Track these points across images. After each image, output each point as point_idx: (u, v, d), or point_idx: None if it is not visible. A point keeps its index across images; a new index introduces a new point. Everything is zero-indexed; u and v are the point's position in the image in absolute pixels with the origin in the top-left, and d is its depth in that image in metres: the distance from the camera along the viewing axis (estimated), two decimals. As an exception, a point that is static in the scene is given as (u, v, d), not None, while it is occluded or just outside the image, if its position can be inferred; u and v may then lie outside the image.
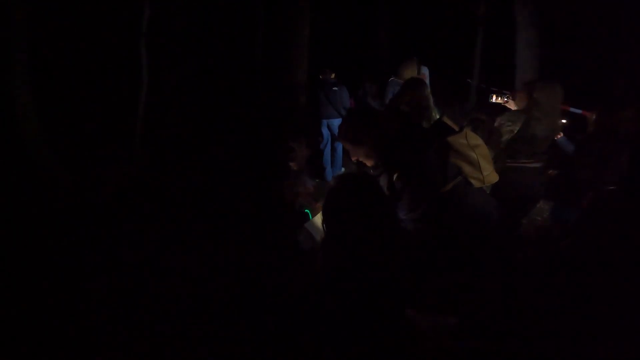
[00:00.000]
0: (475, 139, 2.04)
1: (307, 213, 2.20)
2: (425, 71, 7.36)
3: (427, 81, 7.25)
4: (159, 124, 5.98)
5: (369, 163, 1.98)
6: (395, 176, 1.86)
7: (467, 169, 2.02)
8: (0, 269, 3.17)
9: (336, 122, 5.89)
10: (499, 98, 3.87)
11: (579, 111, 4.89)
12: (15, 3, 4.54)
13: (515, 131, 3.12)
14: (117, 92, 6.35)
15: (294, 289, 2.13)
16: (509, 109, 3.58)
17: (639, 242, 1.72)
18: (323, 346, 1.28)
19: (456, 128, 2.16)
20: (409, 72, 5.76)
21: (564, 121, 3.57)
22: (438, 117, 3.06)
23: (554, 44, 8.51)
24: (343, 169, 6.16)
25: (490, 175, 2.05)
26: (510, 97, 3.75)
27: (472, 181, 2.04)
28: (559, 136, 3.59)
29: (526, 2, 7.25)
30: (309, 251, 1.95)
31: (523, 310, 2.10)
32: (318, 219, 1.97)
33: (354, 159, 2.02)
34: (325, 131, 6.04)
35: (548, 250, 3.19)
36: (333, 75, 5.96)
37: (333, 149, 6.07)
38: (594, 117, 3.28)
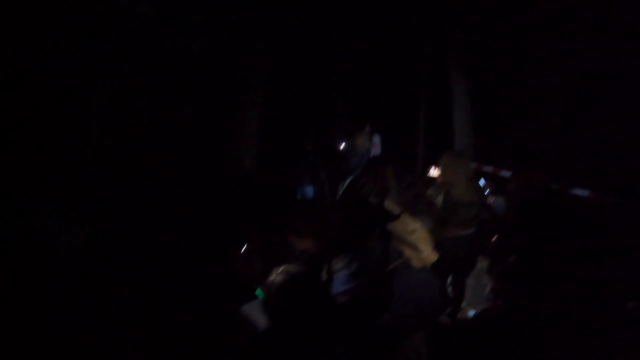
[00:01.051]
0: (414, 224, 2.33)
1: (257, 294, 2.28)
2: (376, 140, 8.04)
3: (379, 149, 7.97)
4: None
5: (312, 251, 2.15)
6: (334, 262, 2.08)
7: (407, 251, 2.30)
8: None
9: (307, 189, 6.31)
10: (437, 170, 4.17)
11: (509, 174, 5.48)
12: None
13: (440, 202, 3.36)
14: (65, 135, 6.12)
15: None
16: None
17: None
18: None
19: (398, 209, 2.48)
20: (361, 141, 6.45)
21: (484, 185, 3.88)
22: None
23: (489, 109, 9.48)
24: None
25: (429, 255, 2.33)
26: None
27: (414, 261, 2.33)
28: (491, 200, 3.98)
29: (460, 69, 8.20)
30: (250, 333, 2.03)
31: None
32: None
33: (299, 248, 2.18)
34: (299, 196, 6.37)
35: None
36: (310, 146, 6.43)
37: None
38: (512, 179, 3.67)
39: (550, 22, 7.79)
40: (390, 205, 2.59)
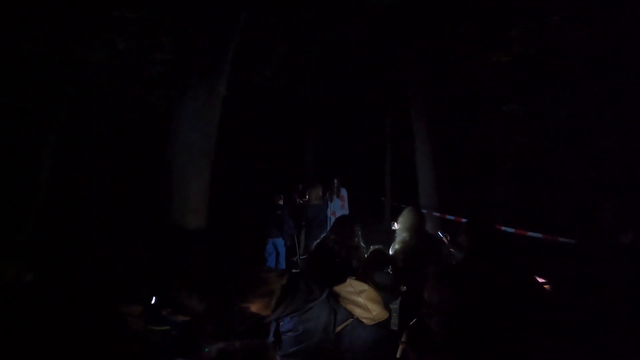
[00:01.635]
0: (361, 286, 2.38)
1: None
2: (344, 193, 8.20)
3: (346, 202, 8.11)
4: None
5: (263, 314, 2.12)
6: (281, 323, 2.09)
7: (357, 311, 2.34)
8: None
9: (278, 240, 6.59)
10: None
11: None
12: None
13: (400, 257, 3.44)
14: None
15: None
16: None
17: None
18: None
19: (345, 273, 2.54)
20: (315, 194, 6.70)
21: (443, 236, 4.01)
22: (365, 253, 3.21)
23: (448, 159, 9.94)
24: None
25: (379, 313, 2.37)
26: None
27: (364, 320, 2.34)
28: (451, 250, 4.07)
29: (421, 125, 8.63)
30: None
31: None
32: None
33: (247, 311, 2.15)
34: (270, 248, 6.66)
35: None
36: (281, 200, 6.72)
37: (277, 264, 6.62)
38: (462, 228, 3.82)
39: (504, 75, 8.41)
40: (338, 269, 2.67)
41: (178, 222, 3.65)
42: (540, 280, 2.85)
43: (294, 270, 3.50)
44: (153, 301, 2.14)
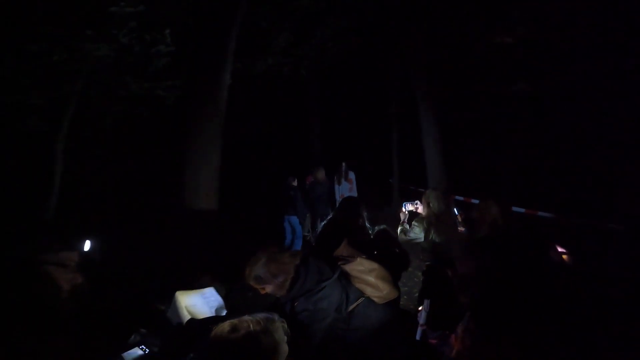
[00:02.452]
0: (371, 264, 2.41)
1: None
2: (352, 176, 8.26)
3: (355, 185, 8.16)
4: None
5: (277, 294, 2.18)
6: (296, 304, 2.13)
7: (368, 290, 2.37)
8: None
9: (292, 218, 7.05)
10: (411, 205, 4.28)
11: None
12: None
13: (421, 239, 3.62)
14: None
15: None
16: (420, 215, 3.94)
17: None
18: None
19: (354, 252, 2.60)
20: (320, 174, 7.37)
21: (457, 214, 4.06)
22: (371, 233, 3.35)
23: (456, 142, 9.84)
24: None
25: (389, 292, 2.40)
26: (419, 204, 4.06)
27: (375, 299, 2.38)
28: (461, 229, 4.11)
29: (428, 106, 8.57)
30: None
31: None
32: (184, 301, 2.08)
33: (262, 292, 2.20)
34: (286, 226, 7.14)
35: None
36: (295, 182, 7.24)
37: (292, 241, 7.11)
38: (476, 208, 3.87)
39: (511, 56, 8.26)
40: (346, 248, 2.70)
41: (191, 206, 3.76)
42: (561, 250, 2.89)
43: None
44: (87, 247, 1.87)
